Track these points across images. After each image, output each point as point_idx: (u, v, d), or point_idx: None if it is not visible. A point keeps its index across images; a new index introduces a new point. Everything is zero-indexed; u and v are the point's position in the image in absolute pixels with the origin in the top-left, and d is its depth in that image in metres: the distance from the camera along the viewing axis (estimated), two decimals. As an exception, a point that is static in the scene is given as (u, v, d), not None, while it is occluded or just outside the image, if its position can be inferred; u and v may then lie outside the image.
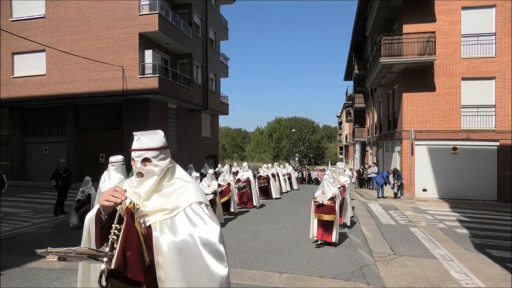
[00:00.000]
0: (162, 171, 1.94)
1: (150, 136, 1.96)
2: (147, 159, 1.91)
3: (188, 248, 1.76)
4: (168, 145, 2.07)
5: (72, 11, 18.58)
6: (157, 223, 1.83)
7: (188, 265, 1.76)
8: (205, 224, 1.83)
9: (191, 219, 1.83)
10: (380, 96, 23.29)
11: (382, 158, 23.22)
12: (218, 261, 1.82)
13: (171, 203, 1.88)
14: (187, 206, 1.87)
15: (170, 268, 1.75)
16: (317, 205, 7.72)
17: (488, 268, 6.58)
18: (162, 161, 1.95)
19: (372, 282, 5.73)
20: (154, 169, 1.91)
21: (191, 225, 1.81)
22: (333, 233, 7.61)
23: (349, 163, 51.75)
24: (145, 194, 1.89)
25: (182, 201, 1.88)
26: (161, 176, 1.94)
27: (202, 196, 1.97)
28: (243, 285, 5.56)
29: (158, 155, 1.93)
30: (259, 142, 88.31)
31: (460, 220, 11.54)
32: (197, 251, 1.76)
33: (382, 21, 19.46)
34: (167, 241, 1.76)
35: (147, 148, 1.92)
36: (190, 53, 22.18)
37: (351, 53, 33.33)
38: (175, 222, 1.83)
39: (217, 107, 27.42)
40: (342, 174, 10.30)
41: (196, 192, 1.94)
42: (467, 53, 16.64)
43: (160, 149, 1.95)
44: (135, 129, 18.38)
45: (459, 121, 16.54)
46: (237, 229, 9.69)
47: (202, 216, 1.86)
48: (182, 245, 1.75)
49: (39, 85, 19.11)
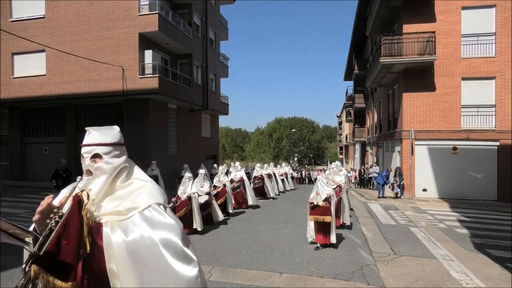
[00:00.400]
0: (114, 169, 1.75)
1: (104, 131, 1.81)
2: (98, 155, 1.73)
3: (146, 250, 1.59)
4: (124, 142, 1.88)
5: (72, 11, 18.58)
6: (109, 223, 1.66)
7: (148, 268, 1.59)
8: (165, 225, 1.65)
9: (149, 220, 1.65)
10: (380, 96, 23.28)
11: (382, 158, 23.22)
12: (183, 262, 1.63)
13: (126, 205, 1.69)
14: (145, 208, 1.68)
15: (125, 273, 1.60)
16: (311, 206, 7.61)
17: (488, 268, 6.58)
18: (115, 159, 1.76)
19: (372, 282, 5.73)
20: (104, 167, 1.72)
21: (150, 226, 1.63)
22: (331, 235, 7.52)
23: (349, 163, 51.75)
24: (95, 195, 1.69)
25: (139, 202, 1.70)
26: (113, 175, 1.75)
27: (161, 197, 1.78)
28: (243, 285, 5.56)
29: (111, 151, 1.76)
30: (259, 142, 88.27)
31: (460, 220, 11.54)
32: (158, 253, 1.59)
33: (382, 21, 19.46)
34: (119, 241, 1.60)
35: (98, 143, 1.74)
36: (190, 53, 22.17)
37: (351, 53, 33.33)
38: (129, 224, 1.64)
39: (217, 107, 27.41)
40: (337, 174, 10.24)
41: (155, 193, 1.76)
42: (467, 53, 16.64)
43: (114, 145, 1.78)
44: (136, 129, 18.46)
45: (459, 121, 16.54)
46: (237, 229, 9.69)
47: (161, 217, 1.67)
48: (138, 245, 1.59)
49: (39, 85, 19.11)
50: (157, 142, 19.14)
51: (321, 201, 7.54)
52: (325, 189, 7.76)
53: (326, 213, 7.40)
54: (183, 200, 8.61)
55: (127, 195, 1.73)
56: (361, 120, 34.83)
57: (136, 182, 1.79)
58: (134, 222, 1.64)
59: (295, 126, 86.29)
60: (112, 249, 1.61)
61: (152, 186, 1.80)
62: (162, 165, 18.49)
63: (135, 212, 1.67)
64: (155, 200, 1.72)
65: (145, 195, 1.73)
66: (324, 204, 7.50)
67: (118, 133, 1.86)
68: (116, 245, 1.60)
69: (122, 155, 1.82)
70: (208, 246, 7.93)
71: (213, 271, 6.18)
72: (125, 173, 1.81)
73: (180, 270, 1.61)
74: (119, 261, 1.59)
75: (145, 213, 1.67)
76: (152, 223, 1.64)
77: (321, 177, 8.12)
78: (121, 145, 1.83)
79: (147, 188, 1.77)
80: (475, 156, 16.33)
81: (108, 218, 1.67)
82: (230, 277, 5.89)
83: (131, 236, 1.61)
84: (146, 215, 1.66)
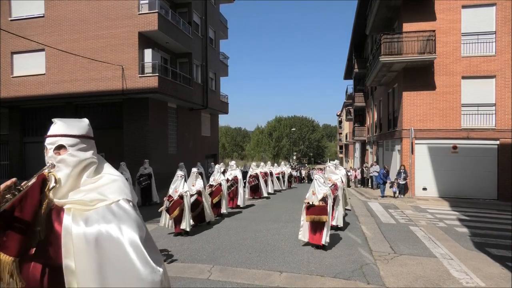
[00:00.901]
0: (79, 163, 1.63)
1: (71, 123, 1.70)
2: (62, 147, 1.62)
3: (111, 248, 1.46)
4: (93, 136, 1.77)
5: (71, 10, 18.54)
6: (71, 211, 1.54)
7: (110, 268, 1.46)
8: (133, 224, 1.53)
9: (117, 215, 1.52)
10: (380, 95, 23.27)
11: (382, 157, 23.21)
12: (148, 265, 1.50)
13: (92, 196, 1.57)
14: (113, 202, 1.57)
15: (83, 270, 1.47)
16: (307, 206, 7.44)
17: (488, 267, 6.57)
18: (81, 152, 1.65)
19: (372, 281, 5.72)
20: (68, 160, 1.61)
21: (116, 222, 1.50)
22: (323, 235, 7.27)
23: (349, 162, 51.75)
24: (57, 190, 1.60)
25: (108, 195, 1.58)
26: (77, 169, 1.63)
27: (131, 195, 1.68)
28: (243, 284, 5.56)
29: (77, 144, 1.65)
30: (259, 141, 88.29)
31: (460, 219, 11.54)
32: (124, 253, 1.47)
33: (382, 20, 19.43)
34: (80, 232, 1.48)
35: (63, 134, 1.63)
36: (190, 52, 22.14)
37: (351, 52, 33.31)
38: (93, 216, 1.52)
39: (217, 106, 27.39)
40: (333, 173, 10.17)
41: (125, 189, 1.65)
42: (467, 51, 16.61)
43: (81, 138, 1.67)
44: (135, 128, 18.45)
45: (459, 119, 16.53)
46: (237, 229, 9.69)
47: (129, 215, 1.55)
48: (101, 241, 1.46)
49: (38, 84, 19.08)
50: (156, 141, 19.13)
51: (317, 201, 7.37)
52: (322, 189, 7.60)
53: (322, 213, 7.27)
54: (176, 199, 8.44)
55: (94, 188, 1.61)
56: (361, 119, 34.82)
57: (106, 177, 1.67)
58: (99, 214, 1.52)
59: (295, 125, 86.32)
60: (71, 241, 1.48)
61: (123, 182, 1.69)
62: (162, 164, 18.52)
63: (102, 204, 1.55)
64: (125, 196, 1.61)
65: (114, 189, 1.62)
66: (320, 204, 7.34)
67: (86, 126, 1.74)
68: (77, 237, 1.48)
69: (90, 149, 1.71)
70: (208, 245, 7.92)
71: (213, 270, 6.18)
72: (92, 168, 1.69)
73: (144, 273, 1.48)
74: (78, 256, 1.47)
75: (112, 207, 1.55)
76: (120, 219, 1.52)
77: (318, 176, 7.98)
78: (89, 139, 1.72)
79: (117, 183, 1.66)
80: (475, 155, 16.32)
81: (71, 207, 1.56)
82: (229, 276, 5.89)
83: (94, 229, 1.48)
84: (113, 210, 1.54)
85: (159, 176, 16.02)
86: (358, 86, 34.28)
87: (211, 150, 28.35)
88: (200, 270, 6.18)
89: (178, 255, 7.11)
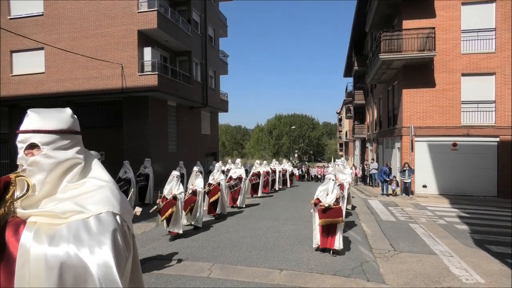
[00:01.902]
0: (56, 165, 1.26)
1: (47, 114, 1.33)
2: (35, 146, 1.26)
3: (79, 274, 1.10)
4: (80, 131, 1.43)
5: (70, 9, 18.50)
6: (35, 226, 1.16)
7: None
8: (112, 246, 1.14)
9: (93, 234, 1.13)
10: (380, 92, 23.25)
11: (382, 155, 23.21)
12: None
13: (65, 206, 1.20)
14: (92, 216, 1.18)
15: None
16: (323, 209, 6.85)
17: (488, 264, 6.59)
18: (60, 152, 1.29)
19: (372, 279, 5.74)
20: (42, 162, 1.24)
21: (90, 244, 1.11)
22: (336, 239, 6.87)
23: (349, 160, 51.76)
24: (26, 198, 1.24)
25: (87, 206, 1.20)
26: (56, 173, 1.27)
27: (122, 204, 1.28)
28: (243, 282, 5.57)
29: (55, 141, 1.28)
30: (259, 139, 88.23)
31: (460, 216, 11.55)
32: (93, 283, 1.10)
33: (381, 17, 19.39)
34: (40, 253, 1.10)
35: (36, 130, 1.26)
36: (189, 50, 22.11)
37: (350, 50, 33.26)
38: (62, 233, 1.13)
39: (216, 104, 27.37)
40: (341, 172, 10.07)
41: (112, 199, 1.26)
42: (467, 48, 16.59)
43: (60, 133, 1.30)
44: (135, 127, 18.44)
45: (459, 117, 16.52)
46: (237, 227, 9.70)
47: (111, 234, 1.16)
48: (65, 268, 1.09)
49: (38, 83, 19.06)
50: (156, 140, 19.13)
51: (333, 202, 6.87)
52: (335, 190, 7.12)
53: (339, 215, 6.82)
54: (169, 200, 8.13)
55: (72, 196, 1.24)
56: (361, 116, 34.81)
57: (90, 182, 1.30)
58: (71, 230, 1.14)
59: (295, 123, 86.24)
60: (28, 264, 1.11)
61: (112, 189, 1.31)
62: (162, 163, 18.53)
63: (78, 217, 1.17)
64: (110, 208, 1.22)
65: (98, 199, 1.24)
66: (335, 205, 6.87)
67: (68, 118, 1.37)
68: (35, 260, 1.10)
69: (74, 146, 1.35)
70: (208, 243, 7.93)
71: (213, 268, 6.19)
72: (76, 170, 1.32)
73: None
74: (34, 286, 1.10)
75: (90, 222, 1.16)
76: (98, 240, 1.13)
77: (331, 175, 7.39)
78: (72, 134, 1.36)
79: (103, 190, 1.28)
80: (475, 152, 16.32)
81: (36, 220, 1.19)
82: (230, 274, 5.90)
83: (60, 251, 1.10)
84: (90, 226, 1.15)
85: (158, 175, 16.02)
86: (358, 83, 34.26)
87: (211, 149, 28.35)
88: (200, 268, 6.19)
89: (178, 253, 7.13)
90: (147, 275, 5.82)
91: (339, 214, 6.83)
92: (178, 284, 5.47)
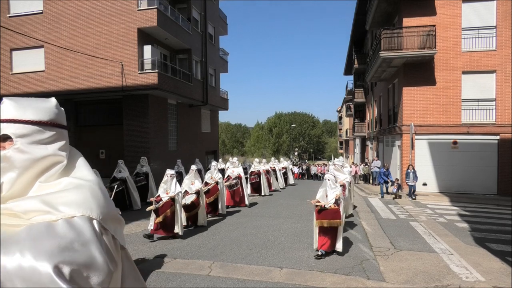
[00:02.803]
0: (32, 163, 1.06)
1: (26, 103, 1.12)
2: (7, 138, 1.06)
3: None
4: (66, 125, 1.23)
5: (70, 7, 18.45)
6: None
7: None
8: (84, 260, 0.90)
9: (60, 240, 0.89)
10: (380, 90, 23.22)
11: (382, 153, 23.21)
12: None
13: (30, 204, 0.97)
14: (61, 219, 0.94)
15: None
16: (318, 209, 6.71)
17: (488, 262, 6.59)
18: (38, 147, 1.08)
19: (372, 277, 5.74)
20: (14, 157, 1.04)
21: (58, 249, 0.87)
22: (338, 241, 6.69)
23: (349, 158, 51.74)
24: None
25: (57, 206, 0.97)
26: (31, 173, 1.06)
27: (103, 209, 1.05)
28: (243, 280, 5.57)
29: (32, 133, 1.08)
30: (259, 137, 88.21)
31: (460, 214, 11.55)
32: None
33: (382, 15, 19.34)
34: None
35: (10, 119, 1.07)
36: (189, 48, 22.07)
37: (351, 48, 33.21)
38: (20, 236, 0.89)
39: (217, 102, 27.35)
40: (340, 171, 9.84)
41: (90, 202, 1.02)
42: (468, 46, 16.55)
43: (41, 125, 1.10)
44: (135, 125, 18.42)
45: (459, 115, 16.50)
46: (237, 224, 9.70)
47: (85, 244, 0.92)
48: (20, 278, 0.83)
49: (38, 81, 19.04)
50: (156, 138, 19.12)
51: (330, 203, 6.69)
52: (334, 190, 6.93)
53: (336, 217, 6.60)
54: (166, 201, 7.86)
55: (41, 194, 1.03)
56: (361, 114, 34.79)
57: (67, 180, 1.08)
58: (30, 235, 0.89)
59: (295, 121, 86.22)
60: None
61: (93, 189, 1.08)
62: (162, 161, 18.52)
63: (42, 219, 0.94)
64: (86, 212, 0.99)
65: (73, 199, 1.01)
66: (333, 207, 6.64)
67: (52, 108, 1.16)
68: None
69: (55, 142, 1.12)
70: (208, 241, 7.94)
71: (213, 266, 6.19)
72: (55, 169, 1.10)
73: None
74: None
75: (58, 226, 0.92)
76: (63, 249, 0.88)
77: (330, 175, 7.23)
78: (55, 127, 1.15)
79: (82, 190, 1.05)
80: (476, 150, 16.31)
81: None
82: (230, 272, 5.90)
83: (11, 262, 0.85)
84: (58, 231, 0.91)
85: (158, 173, 16.00)
86: (358, 81, 34.20)
87: (211, 147, 28.35)
88: (200, 266, 6.19)
89: (179, 251, 7.13)
90: (147, 273, 5.83)
91: (336, 216, 6.61)
92: (178, 282, 5.48)
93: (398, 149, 18.16)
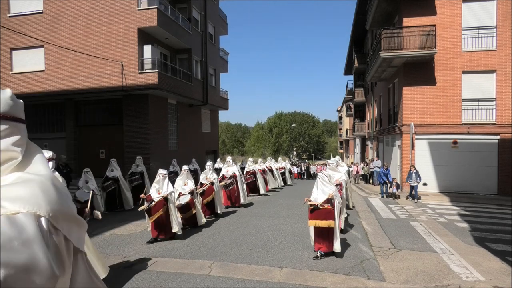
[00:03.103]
0: None
1: None
2: None
3: None
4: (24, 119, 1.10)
5: (70, 6, 18.45)
6: None
7: None
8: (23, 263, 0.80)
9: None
10: (380, 90, 23.21)
11: (382, 153, 23.20)
12: None
13: None
14: (3, 215, 0.83)
15: None
16: (311, 209, 6.51)
17: (488, 262, 6.59)
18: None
19: (373, 277, 5.74)
20: None
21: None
22: (335, 241, 6.50)
23: (349, 158, 51.75)
24: None
25: (1, 202, 0.87)
26: None
27: (55, 206, 0.94)
28: (243, 280, 5.57)
29: None
30: (259, 137, 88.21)
31: (461, 214, 11.55)
32: None
33: (382, 15, 19.33)
34: None
35: None
36: (190, 48, 22.07)
37: (351, 47, 33.19)
38: None
39: (217, 102, 27.35)
40: (335, 170, 9.79)
41: (39, 195, 0.92)
42: (468, 46, 16.54)
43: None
44: (135, 124, 18.42)
45: (459, 115, 16.49)
46: (237, 224, 9.70)
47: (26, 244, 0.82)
48: None
49: (38, 81, 19.04)
50: (157, 138, 19.13)
51: (322, 202, 6.50)
52: (328, 189, 6.73)
53: (329, 217, 6.39)
54: (159, 200, 7.66)
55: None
56: (361, 114, 34.78)
57: (15, 175, 0.97)
58: None
59: (295, 121, 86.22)
60: None
61: (44, 184, 0.96)
62: (162, 161, 18.51)
63: None
64: (33, 208, 0.89)
65: (19, 194, 0.90)
66: (326, 207, 6.43)
67: (6, 99, 1.03)
68: None
69: (10, 135, 1.02)
70: (208, 241, 7.94)
71: (213, 266, 6.19)
72: (6, 166, 1.00)
73: None
74: None
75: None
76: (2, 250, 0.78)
77: (322, 174, 7.05)
78: (9, 120, 1.03)
79: (30, 184, 0.94)
80: (476, 150, 16.31)
81: None
82: (230, 272, 5.90)
83: None
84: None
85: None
86: (358, 81, 34.19)
87: (211, 146, 28.35)
88: (200, 266, 6.19)
89: (179, 251, 7.13)
90: (147, 273, 5.83)
91: (329, 216, 6.38)
92: (178, 282, 5.48)
93: (398, 149, 18.16)
